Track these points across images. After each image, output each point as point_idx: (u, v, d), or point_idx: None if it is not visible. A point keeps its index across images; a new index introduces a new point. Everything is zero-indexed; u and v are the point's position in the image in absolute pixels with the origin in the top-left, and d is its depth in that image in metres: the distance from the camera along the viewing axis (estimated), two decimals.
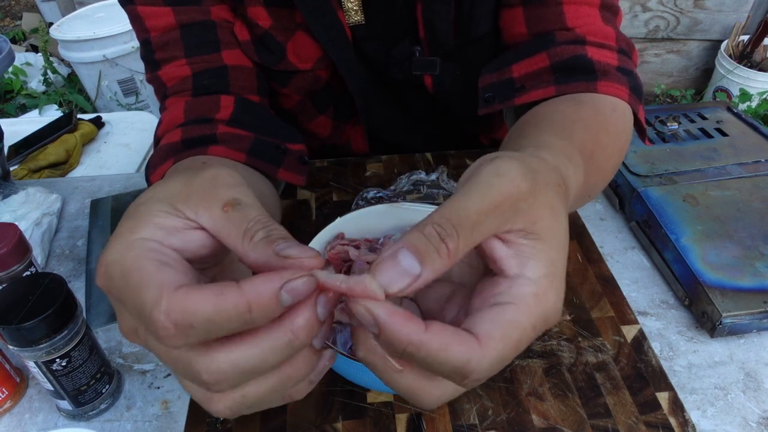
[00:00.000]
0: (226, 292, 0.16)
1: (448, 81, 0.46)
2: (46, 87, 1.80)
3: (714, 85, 1.71)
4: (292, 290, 0.16)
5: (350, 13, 0.43)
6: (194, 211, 0.19)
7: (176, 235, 0.18)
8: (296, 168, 0.40)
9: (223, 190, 0.19)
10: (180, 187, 0.19)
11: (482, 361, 0.17)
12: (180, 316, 0.16)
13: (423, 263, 0.17)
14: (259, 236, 0.18)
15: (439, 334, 0.17)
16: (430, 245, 0.17)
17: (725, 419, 0.34)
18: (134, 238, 0.18)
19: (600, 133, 0.31)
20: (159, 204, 0.19)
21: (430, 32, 0.42)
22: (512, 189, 0.18)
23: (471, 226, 0.18)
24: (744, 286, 0.39)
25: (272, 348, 0.17)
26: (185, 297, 0.16)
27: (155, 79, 0.41)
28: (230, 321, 0.16)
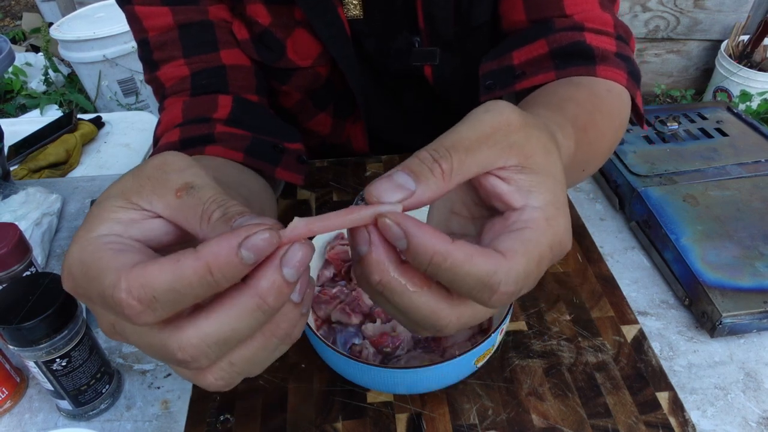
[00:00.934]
0: (183, 259, 0.15)
1: (448, 71, 0.46)
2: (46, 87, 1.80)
3: (714, 85, 1.71)
4: (251, 246, 0.15)
5: (349, 8, 0.43)
6: (148, 201, 0.18)
7: (136, 227, 0.18)
8: (294, 167, 0.40)
9: (174, 176, 0.18)
10: (131, 180, 0.19)
11: (509, 273, 0.17)
12: (141, 291, 0.15)
13: (418, 181, 0.17)
14: (215, 216, 0.17)
15: (466, 246, 0.17)
16: (424, 165, 0.18)
17: (725, 419, 0.34)
18: (91, 236, 0.18)
19: (594, 112, 0.31)
20: (113, 200, 0.18)
21: (430, 22, 0.42)
22: (502, 120, 0.19)
23: (464, 150, 0.18)
24: (744, 286, 0.39)
25: (240, 315, 0.16)
26: (142, 271, 0.15)
27: (154, 80, 0.41)
28: (193, 286, 0.15)
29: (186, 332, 0.16)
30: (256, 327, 0.17)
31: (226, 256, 0.15)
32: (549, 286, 0.42)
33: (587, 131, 0.29)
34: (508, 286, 0.17)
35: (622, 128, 0.35)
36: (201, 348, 0.16)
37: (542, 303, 0.41)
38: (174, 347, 0.16)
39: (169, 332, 0.16)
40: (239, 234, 0.15)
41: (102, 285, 0.16)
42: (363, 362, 0.30)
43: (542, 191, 0.19)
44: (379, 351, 0.34)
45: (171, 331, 0.16)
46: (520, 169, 0.19)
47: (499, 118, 0.19)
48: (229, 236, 0.15)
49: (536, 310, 0.40)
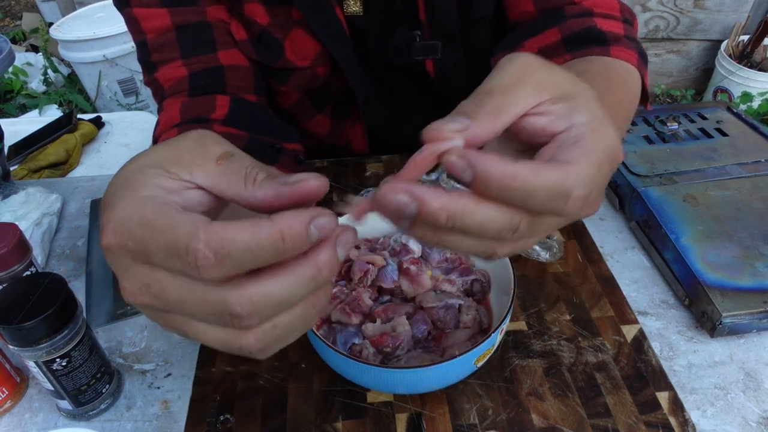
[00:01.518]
0: (261, 224, 0.16)
1: (450, 65, 0.46)
2: (46, 87, 1.80)
3: (714, 85, 1.71)
4: (319, 225, 0.17)
5: (348, 4, 0.43)
6: (188, 171, 0.19)
7: (175, 195, 0.18)
8: (291, 167, 0.40)
9: (214, 147, 0.19)
10: (168, 151, 0.19)
11: (579, 176, 0.17)
12: (219, 245, 0.16)
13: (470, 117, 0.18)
14: (260, 176, 0.18)
15: (530, 162, 0.17)
16: (471, 105, 0.19)
17: (725, 419, 0.34)
18: (141, 195, 0.18)
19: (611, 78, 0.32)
20: (150, 169, 0.19)
21: (431, 14, 0.42)
22: (525, 63, 0.20)
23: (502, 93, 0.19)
24: (744, 285, 0.39)
25: (299, 281, 0.17)
26: (223, 227, 0.16)
27: (153, 82, 0.41)
28: (265, 250, 0.16)
29: (248, 289, 0.17)
30: (306, 294, 0.18)
31: (299, 228, 0.16)
32: (549, 286, 0.42)
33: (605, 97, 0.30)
34: (581, 189, 0.17)
35: (635, 100, 0.36)
36: (260, 305, 0.17)
37: (542, 303, 0.41)
38: (234, 301, 0.17)
39: (230, 288, 0.17)
40: (310, 213, 0.17)
41: (175, 234, 0.16)
42: (363, 362, 0.30)
43: (581, 111, 0.19)
44: (379, 351, 0.34)
45: (232, 287, 0.17)
46: (554, 101, 0.20)
47: (522, 62, 0.20)
48: (302, 213, 0.17)
49: (536, 310, 0.40)
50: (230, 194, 0.19)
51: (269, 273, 0.17)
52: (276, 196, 0.18)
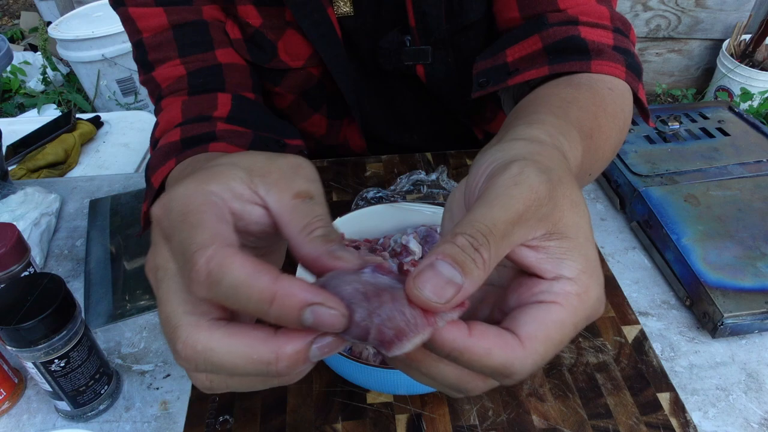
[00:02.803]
0: (263, 273, 0.16)
1: (441, 70, 0.46)
2: (44, 86, 1.80)
3: (715, 84, 1.70)
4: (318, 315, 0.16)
5: (339, 4, 0.43)
6: (267, 189, 0.19)
7: (239, 202, 0.19)
8: None
9: (302, 181, 0.19)
10: (263, 162, 0.19)
11: (525, 363, 0.17)
12: (216, 268, 0.16)
13: (464, 274, 0.17)
14: (318, 232, 0.18)
15: (483, 338, 0.17)
16: (467, 255, 0.17)
17: (727, 420, 0.34)
18: (205, 188, 0.18)
19: (598, 114, 0.31)
20: (237, 169, 0.19)
21: (421, 20, 0.42)
22: (532, 196, 0.18)
23: (501, 236, 0.17)
24: (745, 286, 0.38)
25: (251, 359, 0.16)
26: (231, 255, 0.16)
27: (149, 81, 0.41)
28: (249, 300, 0.16)
29: (199, 333, 0.16)
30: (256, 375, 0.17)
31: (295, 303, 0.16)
32: None
33: (593, 137, 0.29)
34: (522, 375, 0.17)
35: (626, 127, 0.35)
36: (198, 358, 0.16)
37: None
38: (180, 336, 0.16)
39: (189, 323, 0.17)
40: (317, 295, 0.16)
41: (193, 236, 0.16)
42: (363, 362, 0.30)
43: (575, 257, 0.18)
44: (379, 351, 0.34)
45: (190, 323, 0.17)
46: (549, 236, 0.18)
47: (529, 195, 0.18)
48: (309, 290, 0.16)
49: None
50: (286, 232, 0.19)
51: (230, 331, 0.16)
52: (317, 259, 0.17)
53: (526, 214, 0.18)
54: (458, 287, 0.16)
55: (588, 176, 0.32)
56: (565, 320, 0.18)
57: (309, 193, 0.19)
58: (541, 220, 0.18)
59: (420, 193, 0.50)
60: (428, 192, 0.51)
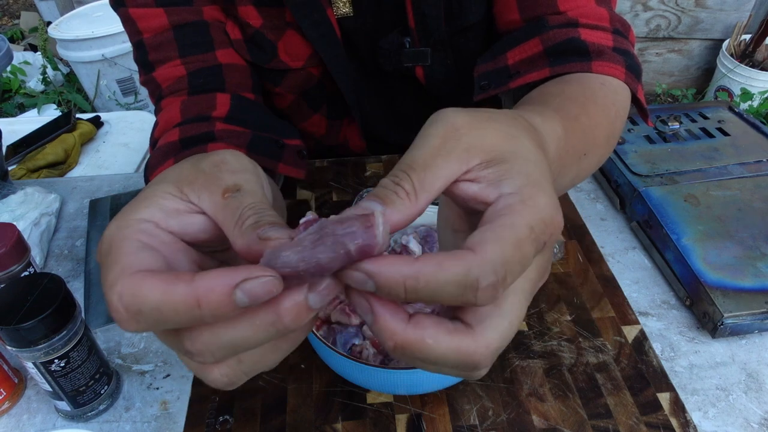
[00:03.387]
0: (177, 283, 0.15)
1: (440, 72, 0.46)
2: (44, 86, 1.80)
3: (715, 84, 1.70)
4: (248, 290, 0.15)
5: (338, 5, 0.43)
6: (197, 195, 0.19)
7: (176, 218, 0.19)
8: (295, 162, 0.40)
9: (227, 176, 0.19)
10: (188, 170, 0.19)
11: (484, 265, 0.16)
12: (130, 300, 0.15)
13: (385, 203, 0.17)
14: (248, 222, 0.17)
15: (431, 258, 0.16)
16: (388, 190, 0.18)
17: (727, 420, 0.34)
18: (132, 218, 0.18)
19: (586, 103, 0.31)
20: (166, 185, 0.19)
21: (420, 22, 0.42)
22: (448, 127, 0.19)
23: (421, 168, 0.18)
24: (745, 286, 0.38)
25: (255, 328, 0.16)
26: (138, 282, 0.16)
27: (150, 81, 0.41)
28: (178, 314, 0.15)
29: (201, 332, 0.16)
30: (268, 339, 0.17)
31: (219, 293, 0.15)
32: (549, 286, 0.42)
33: (579, 119, 0.29)
34: (488, 278, 0.16)
35: (620, 119, 0.35)
36: (210, 347, 0.16)
37: (543, 303, 0.41)
38: (185, 336, 0.16)
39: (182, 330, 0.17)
40: (238, 274, 0.15)
41: (105, 276, 0.16)
42: (363, 363, 0.30)
43: (513, 176, 0.18)
44: (379, 351, 0.34)
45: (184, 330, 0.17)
46: (485, 165, 0.19)
47: (444, 127, 0.19)
48: (228, 273, 0.15)
49: (537, 311, 0.40)
50: (225, 231, 0.18)
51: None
52: (249, 249, 0.17)
53: (444, 144, 0.18)
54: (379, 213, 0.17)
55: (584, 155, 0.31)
56: (514, 221, 0.17)
57: (236, 186, 0.18)
58: (468, 150, 0.19)
59: None
60: None
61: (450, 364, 0.17)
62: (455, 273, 0.16)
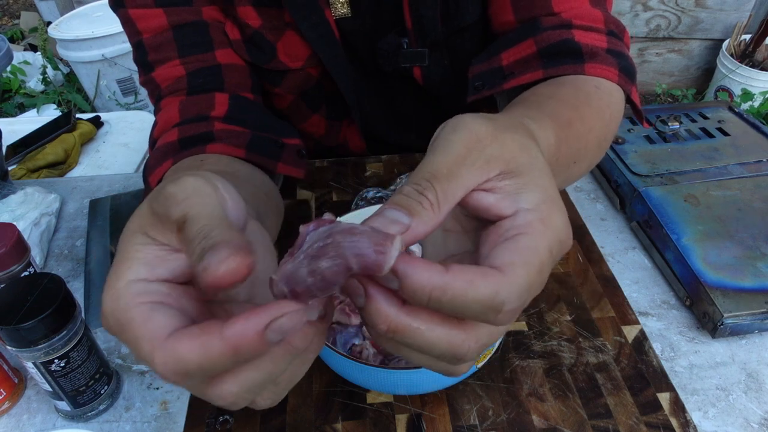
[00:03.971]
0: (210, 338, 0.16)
1: (438, 72, 0.46)
2: (44, 86, 1.80)
3: (715, 84, 1.70)
4: (279, 329, 0.16)
5: (336, 6, 0.43)
6: (163, 235, 0.19)
7: (161, 266, 0.19)
8: (295, 161, 0.40)
9: (174, 210, 0.18)
10: (148, 213, 0.19)
11: (511, 290, 0.16)
12: (175, 367, 0.16)
13: (411, 215, 0.17)
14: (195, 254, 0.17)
15: (461, 272, 0.16)
16: (412, 200, 0.18)
17: (727, 420, 0.34)
18: (121, 286, 0.18)
19: (579, 107, 0.31)
20: (135, 237, 0.19)
21: (417, 23, 0.42)
22: (472, 137, 0.19)
23: (445, 178, 0.18)
24: (745, 286, 0.38)
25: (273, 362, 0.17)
26: (174, 349, 0.16)
27: (149, 82, 0.41)
28: (219, 366, 0.16)
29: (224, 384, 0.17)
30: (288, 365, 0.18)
31: (252, 339, 0.16)
32: (549, 286, 0.42)
33: (572, 125, 0.29)
34: (513, 303, 0.16)
35: (614, 122, 0.35)
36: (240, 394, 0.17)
37: (543, 303, 0.41)
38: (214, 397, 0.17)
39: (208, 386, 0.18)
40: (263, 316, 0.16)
41: (140, 353, 0.17)
42: (363, 363, 0.30)
43: (532, 190, 0.19)
44: (379, 351, 0.34)
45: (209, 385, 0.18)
46: (503, 176, 0.19)
47: (468, 136, 0.19)
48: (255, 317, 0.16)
49: (537, 311, 0.40)
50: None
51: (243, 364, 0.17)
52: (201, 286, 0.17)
53: (469, 154, 0.18)
54: (404, 225, 0.17)
55: (573, 164, 0.31)
56: (538, 245, 0.18)
57: (183, 217, 0.18)
58: (489, 161, 0.19)
59: None
60: None
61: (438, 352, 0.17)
62: (484, 294, 0.16)
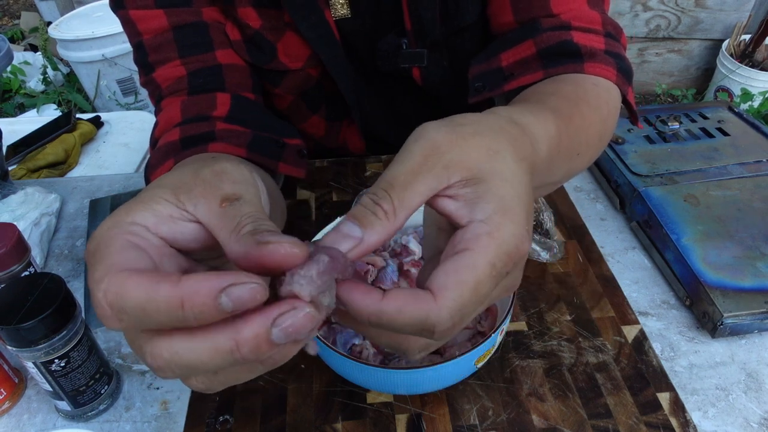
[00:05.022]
0: (163, 283, 0.15)
1: (437, 73, 0.46)
2: (44, 86, 1.80)
3: (715, 84, 1.71)
4: (234, 296, 0.15)
5: (336, 7, 0.43)
6: (194, 203, 0.19)
7: (168, 224, 0.19)
8: (295, 161, 0.40)
9: (227, 185, 0.19)
10: (188, 177, 0.19)
11: (441, 314, 0.17)
12: (114, 298, 0.15)
13: (363, 226, 0.18)
14: (246, 229, 0.17)
15: (394, 299, 0.18)
16: (367, 210, 0.18)
17: (726, 420, 0.34)
18: (123, 220, 0.18)
19: (579, 102, 0.31)
20: (163, 190, 0.19)
21: (416, 23, 0.43)
22: (429, 144, 0.19)
23: (401, 186, 0.19)
24: (745, 286, 0.38)
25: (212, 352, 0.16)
26: (124, 280, 0.16)
27: (150, 82, 0.41)
28: (160, 314, 0.15)
29: (159, 343, 0.16)
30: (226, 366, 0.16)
31: (204, 296, 0.15)
32: (549, 286, 0.42)
33: (572, 119, 0.29)
34: (444, 325, 0.17)
35: (611, 118, 0.35)
36: (168, 365, 0.16)
37: (542, 303, 0.41)
38: (146, 351, 0.16)
39: (144, 337, 0.17)
40: (225, 278, 0.15)
41: (92, 273, 0.16)
42: (363, 362, 0.30)
43: (488, 198, 0.19)
44: (379, 351, 0.34)
45: (145, 337, 0.16)
46: (465, 183, 0.19)
47: (426, 144, 0.19)
48: (214, 277, 0.15)
49: (536, 311, 0.40)
50: (220, 239, 0.18)
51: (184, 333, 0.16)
52: (246, 254, 0.16)
53: (425, 162, 0.19)
54: (356, 239, 0.18)
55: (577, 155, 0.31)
56: (476, 262, 0.18)
57: (235, 195, 0.19)
58: (448, 167, 0.19)
59: None
60: None
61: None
62: (413, 318, 0.17)
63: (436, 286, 0.18)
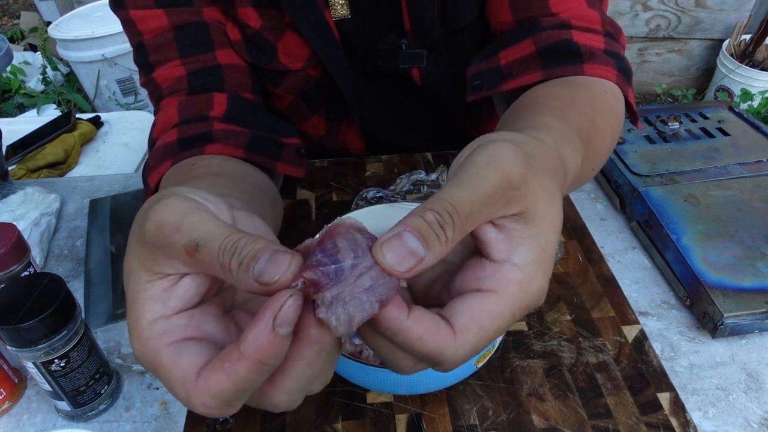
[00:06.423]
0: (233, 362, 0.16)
1: (436, 73, 0.46)
2: (44, 86, 1.80)
3: (715, 84, 1.71)
4: (284, 321, 0.16)
5: (336, 8, 0.43)
6: (168, 266, 0.19)
7: (172, 297, 0.19)
8: (294, 161, 0.40)
9: (176, 237, 0.18)
10: (142, 249, 0.19)
11: (456, 353, 0.18)
12: (214, 403, 0.17)
13: (427, 248, 0.17)
14: (234, 267, 0.17)
15: (418, 323, 0.17)
16: (432, 231, 0.17)
17: (727, 420, 0.34)
18: (143, 328, 0.18)
19: (595, 117, 0.31)
20: (139, 275, 0.19)
21: (416, 23, 0.43)
22: (503, 178, 0.18)
23: (466, 217, 0.18)
24: (745, 286, 0.38)
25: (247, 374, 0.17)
26: (206, 387, 0.17)
27: (150, 82, 0.41)
28: (254, 382, 0.17)
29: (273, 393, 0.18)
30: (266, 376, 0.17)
31: (268, 343, 0.16)
32: (549, 286, 0.42)
33: (591, 141, 0.30)
34: (453, 363, 0.18)
35: (619, 129, 0.36)
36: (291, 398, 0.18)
37: (542, 303, 0.41)
38: (270, 407, 0.18)
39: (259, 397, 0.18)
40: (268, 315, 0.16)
41: (179, 396, 0.18)
42: (363, 362, 0.30)
43: (531, 246, 0.18)
44: None
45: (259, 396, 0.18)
46: (518, 219, 0.19)
47: (500, 175, 0.18)
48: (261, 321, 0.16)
49: (536, 311, 0.40)
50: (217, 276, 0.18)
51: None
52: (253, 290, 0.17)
53: (495, 195, 0.18)
54: (419, 259, 0.17)
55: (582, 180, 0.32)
56: (503, 310, 0.18)
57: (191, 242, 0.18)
58: (509, 202, 0.19)
59: (420, 193, 0.50)
60: (428, 192, 0.51)
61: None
62: (429, 349, 0.18)
63: (458, 324, 0.18)
